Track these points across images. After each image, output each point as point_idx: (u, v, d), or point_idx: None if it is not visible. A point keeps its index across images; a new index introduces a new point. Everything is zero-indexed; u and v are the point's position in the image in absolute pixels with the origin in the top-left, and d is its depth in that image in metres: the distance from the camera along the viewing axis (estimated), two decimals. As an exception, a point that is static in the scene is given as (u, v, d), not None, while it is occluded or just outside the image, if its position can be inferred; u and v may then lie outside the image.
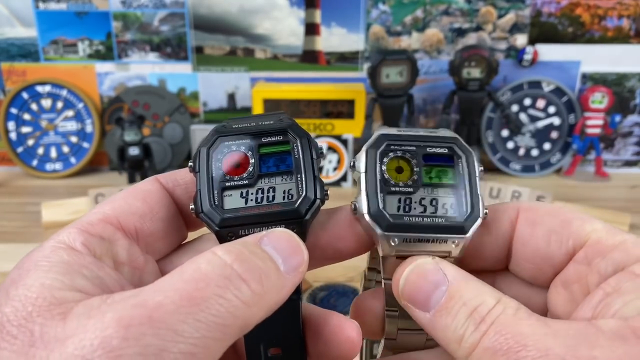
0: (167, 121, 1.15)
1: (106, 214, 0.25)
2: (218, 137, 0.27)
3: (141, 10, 1.10)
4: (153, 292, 0.19)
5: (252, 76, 1.13)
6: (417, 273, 0.24)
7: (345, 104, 1.05)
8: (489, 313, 0.22)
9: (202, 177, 0.27)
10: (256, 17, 1.10)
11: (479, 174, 0.27)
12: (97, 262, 0.22)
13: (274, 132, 0.28)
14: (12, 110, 1.13)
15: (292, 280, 0.23)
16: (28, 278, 0.21)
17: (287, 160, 0.27)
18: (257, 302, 0.21)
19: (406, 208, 0.26)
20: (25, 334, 0.19)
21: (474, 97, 1.04)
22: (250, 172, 0.27)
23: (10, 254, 0.79)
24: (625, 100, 1.14)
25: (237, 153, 0.27)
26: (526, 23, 1.10)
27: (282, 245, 0.23)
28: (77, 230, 0.23)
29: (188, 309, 0.19)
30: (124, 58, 1.13)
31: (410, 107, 1.03)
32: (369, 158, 0.27)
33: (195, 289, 0.19)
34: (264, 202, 0.27)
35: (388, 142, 0.27)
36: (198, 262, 0.20)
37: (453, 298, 0.23)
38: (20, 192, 1.08)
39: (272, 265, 0.22)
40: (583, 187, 1.08)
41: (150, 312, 0.18)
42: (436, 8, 1.09)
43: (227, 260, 0.21)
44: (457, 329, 0.22)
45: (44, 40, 1.11)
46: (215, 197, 0.26)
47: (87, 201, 0.91)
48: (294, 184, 0.27)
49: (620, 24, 1.09)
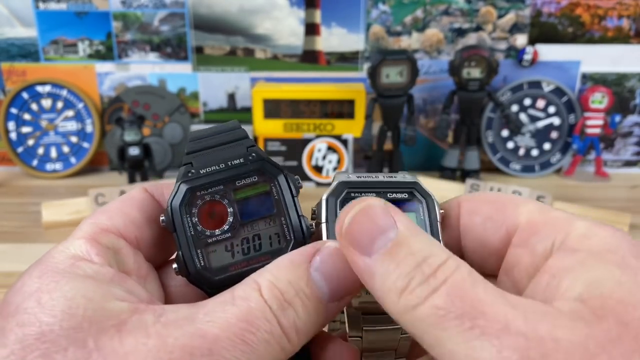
0: (167, 121, 1.15)
1: (106, 224, 0.24)
2: (188, 188, 0.25)
3: (141, 10, 1.10)
4: (206, 321, 0.20)
5: (252, 76, 1.13)
6: (364, 213, 0.22)
7: (345, 104, 1.05)
8: (440, 267, 0.19)
9: (180, 237, 0.25)
10: (256, 17, 1.10)
11: (439, 217, 0.26)
12: (119, 273, 0.23)
13: (248, 174, 0.26)
14: (12, 110, 1.13)
15: (333, 310, 0.23)
16: (62, 285, 0.20)
17: (267, 203, 0.26)
18: (292, 350, 0.22)
19: None
20: (77, 345, 0.19)
21: (474, 97, 1.04)
22: (230, 222, 0.25)
23: (10, 254, 0.79)
24: (625, 100, 1.14)
25: (211, 204, 0.26)
26: (526, 23, 1.10)
27: (333, 269, 0.23)
28: (85, 241, 0.23)
29: (243, 347, 0.20)
30: (124, 58, 1.13)
31: (410, 107, 1.03)
32: (329, 207, 0.26)
33: (249, 331, 0.20)
34: (252, 253, 0.25)
35: (348, 189, 0.26)
36: (247, 299, 0.21)
37: (400, 245, 0.20)
38: (20, 192, 1.08)
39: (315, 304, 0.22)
40: (583, 187, 1.08)
41: (210, 344, 0.19)
42: (436, 8, 1.09)
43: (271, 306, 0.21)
44: (399, 278, 0.20)
45: (44, 40, 1.11)
46: (200, 257, 0.25)
47: (87, 201, 0.91)
48: (279, 227, 0.26)
49: (620, 24, 1.09)
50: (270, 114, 1.06)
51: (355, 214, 0.22)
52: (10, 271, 0.74)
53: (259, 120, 1.07)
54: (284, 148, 1.07)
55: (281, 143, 1.07)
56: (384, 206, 0.22)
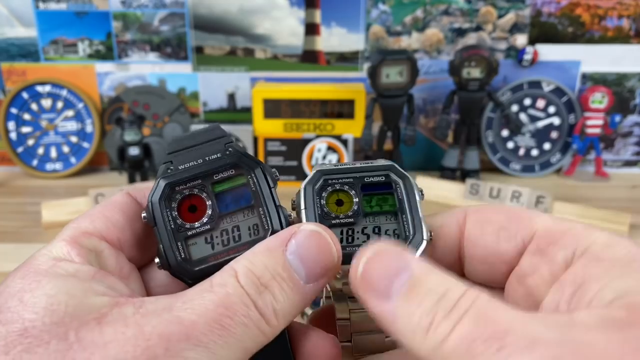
0: (167, 121, 1.15)
1: (87, 227, 0.25)
2: (166, 184, 0.26)
3: (141, 10, 1.10)
4: (185, 310, 0.21)
5: (252, 76, 1.13)
6: (376, 257, 0.22)
7: (345, 104, 1.05)
8: (460, 299, 0.20)
9: (160, 230, 0.25)
10: (256, 17, 1.10)
11: (419, 197, 0.27)
12: (100, 271, 0.23)
13: (225, 167, 0.27)
14: (12, 110, 1.13)
15: (312, 291, 0.23)
16: (44, 285, 0.21)
17: (245, 195, 0.27)
18: (273, 332, 0.22)
19: (349, 239, 0.26)
20: (59, 338, 0.19)
21: (474, 97, 1.04)
22: (209, 215, 0.26)
23: (10, 254, 0.79)
24: (625, 100, 1.14)
25: (191, 197, 0.26)
26: (526, 23, 1.10)
27: (309, 251, 0.23)
28: (66, 243, 0.24)
29: (220, 331, 0.21)
30: (124, 58, 1.13)
31: (410, 107, 1.03)
32: (307, 195, 0.27)
33: (225, 315, 0.21)
34: (231, 244, 0.26)
35: (325, 177, 0.27)
36: (224, 285, 0.22)
37: (417, 285, 0.21)
38: (20, 192, 1.08)
39: (292, 285, 0.23)
40: (583, 187, 1.08)
41: (187, 330, 0.20)
42: (436, 8, 1.09)
43: (248, 290, 0.22)
44: (423, 317, 0.20)
45: (44, 40, 1.11)
46: (180, 249, 0.25)
47: (87, 201, 0.91)
48: (258, 218, 0.26)
49: (620, 24, 1.09)
50: (270, 114, 1.06)
51: (368, 259, 0.22)
52: (10, 271, 0.74)
53: (259, 120, 1.07)
54: (284, 148, 1.07)
55: (281, 143, 1.07)
56: (394, 248, 0.22)
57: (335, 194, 0.27)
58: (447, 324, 0.19)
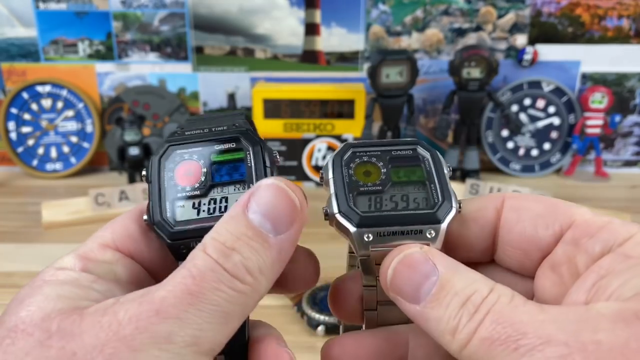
0: (167, 121, 1.15)
1: (105, 238, 0.26)
2: (169, 145, 0.27)
3: (141, 10, 1.10)
4: (156, 289, 0.21)
5: (252, 76, 1.13)
6: (405, 263, 0.23)
7: (345, 104, 1.05)
8: (483, 302, 0.21)
9: (154, 187, 0.26)
10: (256, 17, 1.10)
11: (447, 171, 0.27)
12: (101, 280, 0.24)
13: (226, 140, 0.27)
14: (12, 110, 1.13)
15: (288, 239, 0.23)
16: (43, 289, 0.23)
17: (240, 169, 0.27)
18: (252, 289, 0.22)
19: (377, 205, 0.26)
20: (42, 330, 0.21)
21: (474, 97, 1.04)
22: (202, 181, 0.26)
23: (10, 254, 0.79)
24: (625, 100, 1.14)
25: (188, 162, 0.27)
26: (526, 23, 1.10)
27: (270, 205, 0.23)
28: (75, 255, 0.25)
29: (189, 300, 0.21)
30: (124, 58, 1.13)
31: (410, 107, 1.03)
32: (335, 165, 0.27)
33: (193, 284, 0.21)
34: (216, 213, 0.26)
35: (353, 149, 0.28)
36: (194, 260, 0.22)
37: (444, 288, 0.22)
38: (20, 192, 1.08)
39: (260, 241, 0.23)
40: (583, 187, 1.08)
41: (156, 306, 0.20)
42: (436, 8, 1.09)
43: (215, 257, 0.22)
44: (450, 320, 0.21)
45: (44, 40, 1.11)
46: (166, 208, 0.26)
47: (87, 201, 0.91)
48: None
49: (620, 24, 1.09)
50: (270, 114, 1.06)
51: (396, 265, 0.24)
52: (10, 271, 0.74)
53: (259, 120, 1.07)
54: (284, 148, 1.07)
55: (281, 143, 1.07)
56: (421, 251, 0.23)
57: (363, 166, 0.27)
58: (470, 326, 0.21)
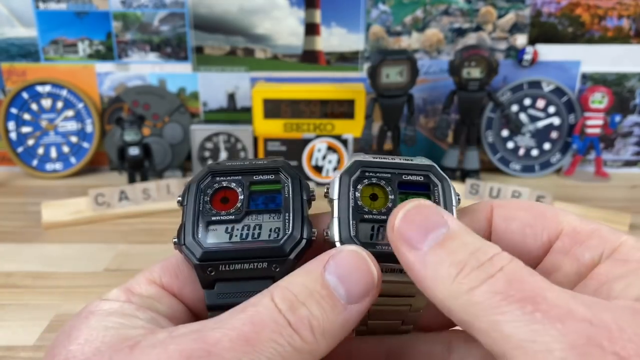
0: (167, 121, 1.15)
1: (153, 274, 0.27)
2: (209, 172, 0.27)
3: (141, 10, 1.10)
4: (212, 328, 0.21)
5: (252, 76, 1.13)
6: (417, 210, 0.22)
7: (345, 104, 1.05)
8: (494, 257, 0.20)
9: (188, 210, 0.26)
10: (256, 17, 1.10)
11: (455, 202, 0.26)
12: (142, 308, 0.24)
13: (265, 171, 0.27)
14: (12, 110, 1.13)
15: (357, 310, 0.23)
16: (90, 321, 0.23)
17: (277, 199, 0.27)
18: (310, 348, 0.21)
19: (379, 236, 0.25)
20: None
21: (474, 97, 1.04)
22: (237, 207, 0.27)
23: (10, 254, 0.79)
24: (625, 100, 1.14)
25: (226, 189, 0.27)
26: (526, 23, 1.10)
27: (348, 271, 0.23)
28: (120, 288, 0.26)
29: (244, 348, 0.20)
30: (124, 58, 1.13)
31: (410, 107, 1.03)
32: (342, 184, 0.26)
33: (252, 331, 0.20)
34: (249, 239, 0.26)
35: (363, 168, 0.26)
36: (256, 305, 0.22)
37: (453, 238, 0.21)
38: (20, 192, 1.08)
39: (331, 303, 0.22)
40: (583, 187, 1.08)
41: (209, 347, 0.20)
42: (436, 8, 1.09)
43: (281, 308, 0.21)
44: (452, 265, 0.20)
45: (44, 40, 1.11)
46: (199, 230, 0.26)
47: (87, 201, 0.91)
48: (281, 223, 0.26)
49: (620, 24, 1.09)
50: (270, 114, 1.06)
51: (408, 210, 0.23)
52: (10, 271, 0.74)
53: (259, 120, 1.07)
54: (284, 148, 1.07)
55: (281, 143, 1.07)
56: (435, 206, 0.23)
57: (371, 188, 0.26)
58: (477, 276, 0.20)
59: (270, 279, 0.25)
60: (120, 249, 0.81)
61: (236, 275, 0.26)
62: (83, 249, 0.81)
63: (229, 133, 1.09)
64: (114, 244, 0.82)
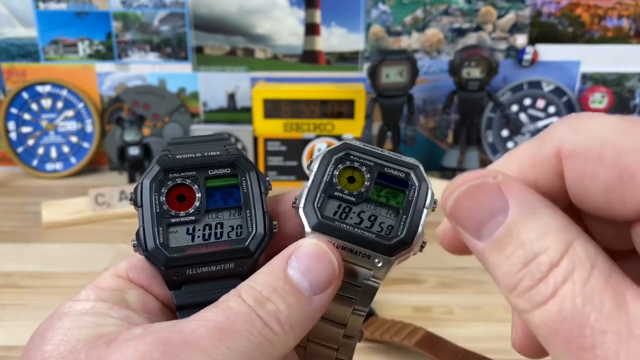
0: (167, 121, 1.15)
1: (119, 269, 0.27)
2: (161, 169, 0.26)
3: (141, 10, 1.10)
4: (188, 322, 0.22)
5: (252, 76, 1.13)
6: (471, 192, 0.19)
7: (345, 104, 1.05)
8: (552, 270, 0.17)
9: (145, 212, 0.26)
10: (256, 17, 1.10)
11: (429, 204, 0.26)
12: (116, 307, 0.25)
13: (220, 165, 0.27)
14: (12, 110, 1.13)
15: (322, 300, 0.24)
16: (63, 322, 0.23)
17: (235, 195, 0.27)
18: (280, 341, 0.22)
19: (343, 215, 0.26)
20: None
21: (473, 97, 1.04)
22: (196, 207, 0.26)
23: (10, 254, 0.79)
24: (625, 100, 1.14)
25: (182, 187, 0.26)
26: (526, 23, 1.10)
27: (309, 264, 0.23)
28: (89, 287, 0.26)
29: (220, 336, 0.21)
30: (124, 58, 1.13)
31: (410, 107, 1.03)
32: (324, 159, 0.27)
33: (227, 322, 0.21)
34: (212, 239, 0.26)
35: (348, 150, 0.27)
36: (227, 301, 0.22)
37: (510, 233, 0.18)
38: (20, 192, 1.08)
39: (295, 297, 0.23)
40: (583, 187, 1.08)
41: (186, 336, 0.21)
42: (436, 8, 1.09)
43: (250, 304, 0.22)
44: (507, 275, 0.18)
45: (44, 40, 1.11)
46: (160, 234, 0.25)
47: (87, 201, 0.91)
48: (243, 220, 0.26)
49: (620, 24, 1.09)
50: (270, 114, 1.06)
51: (462, 192, 0.19)
52: (10, 271, 0.74)
53: (259, 120, 1.07)
54: (284, 148, 1.07)
55: (281, 143, 1.07)
56: (494, 183, 0.19)
57: (351, 170, 0.27)
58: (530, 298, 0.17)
59: (238, 277, 0.26)
60: (120, 249, 0.81)
61: (203, 277, 0.26)
62: (83, 249, 0.81)
63: (229, 133, 1.09)
64: (114, 244, 0.82)
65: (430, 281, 0.72)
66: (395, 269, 0.26)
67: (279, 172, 1.08)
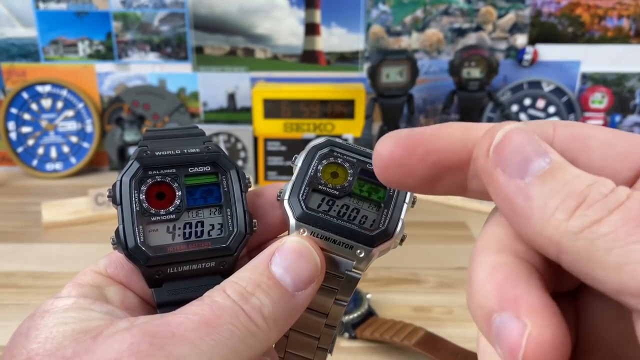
0: (167, 121, 1.15)
1: (98, 265, 0.27)
2: (140, 166, 0.26)
3: (141, 10, 1.10)
4: (174, 315, 0.22)
5: (252, 76, 1.13)
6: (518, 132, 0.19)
7: (345, 104, 1.05)
8: (618, 187, 0.17)
9: (125, 210, 0.25)
10: (256, 17, 1.10)
11: (408, 200, 0.27)
12: (97, 301, 0.25)
13: (201, 162, 0.27)
14: (12, 110, 1.13)
15: (304, 296, 0.24)
16: (46, 320, 0.23)
17: (215, 193, 0.27)
18: (264, 335, 0.23)
19: (326, 207, 0.27)
20: (57, 357, 0.21)
21: (474, 97, 1.04)
22: (177, 205, 0.26)
23: (10, 254, 0.79)
24: (625, 100, 1.14)
25: (162, 185, 0.26)
26: (526, 23, 1.10)
27: (293, 261, 0.24)
28: (69, 284, 0.26)
29: (206, 329, 0.21)
30: (124, 58, 1.13)
31: (410, 107, 1.03)
32: (308, 155, 0.27)
33: (212, 315, 0.22)
34: (192, 238, 0.26)
35: (332, 147, 0.28)
36: (212, 296, 0.23)
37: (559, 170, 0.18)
38: (20, 192, 1.08)
39: (279, 292, 0.23)
40: (583, 187, 1.08)
41: (172, 329, 0.21)
42: (436, 8, 1.09)
43: (234, 299, 0.23)
44: (570, 196, 0.17)
45: (44, 40, 1.11)
46: (140, 232, 0.25)
47: (87, 201, 0.91)
48: (223, 218, 0.26)
49: (620, 24, 1.09)
50: (270, 114, 1.06)
51: (508, 131, 0.19)
52: (10, 271, 0.74)
53: (259, 120, 1.07)
54: (284, 148, 1.07)
55: (281, 143, 1.07)
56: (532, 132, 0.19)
57: (335, 166, 0.27)
58: (603, 206, 0.16)
59: (218, 275, 0.26)
60: (120, 249, 0.81)
61: (184, 275, 0.26)
62: (83, 249, 0.81)
63: (229, 133, 1.09)
64: (114, 244, 0.82)
65: (430, 281, 0.72)
66: (395, 269, 0.26)
67: (279, 172, 1.08)
